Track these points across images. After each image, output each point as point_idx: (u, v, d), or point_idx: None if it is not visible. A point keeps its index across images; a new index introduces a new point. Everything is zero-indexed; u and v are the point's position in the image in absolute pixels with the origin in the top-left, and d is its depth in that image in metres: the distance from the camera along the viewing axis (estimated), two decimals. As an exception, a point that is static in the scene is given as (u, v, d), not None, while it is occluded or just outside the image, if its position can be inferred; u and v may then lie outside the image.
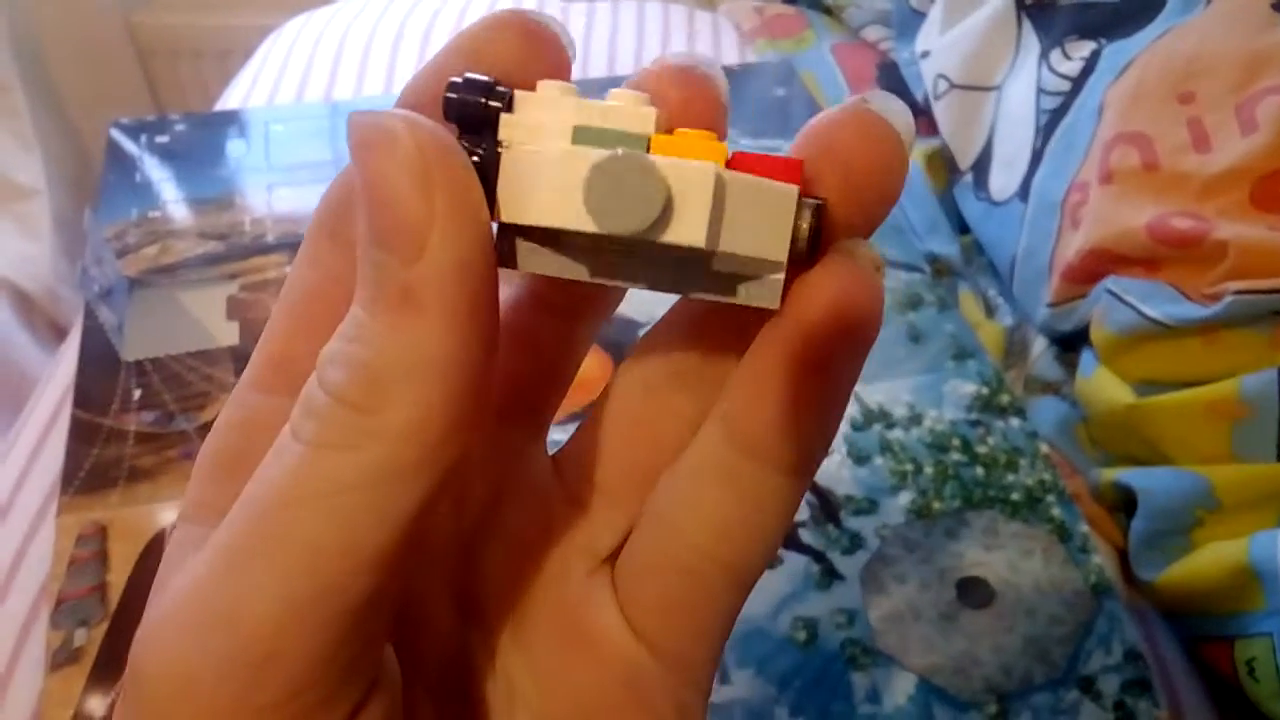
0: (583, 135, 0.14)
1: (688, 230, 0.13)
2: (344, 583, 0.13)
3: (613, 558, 0.18)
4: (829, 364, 0.14)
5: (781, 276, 0.14)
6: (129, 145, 0.57)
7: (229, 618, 0.13)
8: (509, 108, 0.14)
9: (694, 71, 0.16)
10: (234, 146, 0.58)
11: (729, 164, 0.14)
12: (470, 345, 0.13)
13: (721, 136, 0.15)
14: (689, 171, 0.13)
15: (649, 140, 0.14)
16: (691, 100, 0.15)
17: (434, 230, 0.13)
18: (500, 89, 0.14)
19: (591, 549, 0.18)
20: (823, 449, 0.16)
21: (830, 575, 0.39)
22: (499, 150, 0.14)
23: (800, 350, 0.14)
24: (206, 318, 0.48)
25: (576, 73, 0.72)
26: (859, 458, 0.42)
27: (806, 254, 0.14)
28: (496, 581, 0.18)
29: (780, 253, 0.14)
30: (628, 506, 0.18)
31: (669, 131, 0.15)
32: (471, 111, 0.14)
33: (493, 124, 0.14)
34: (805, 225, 0.14)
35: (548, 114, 0.14)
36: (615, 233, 0.13)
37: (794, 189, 0.14)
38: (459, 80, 0.14)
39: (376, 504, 0.13)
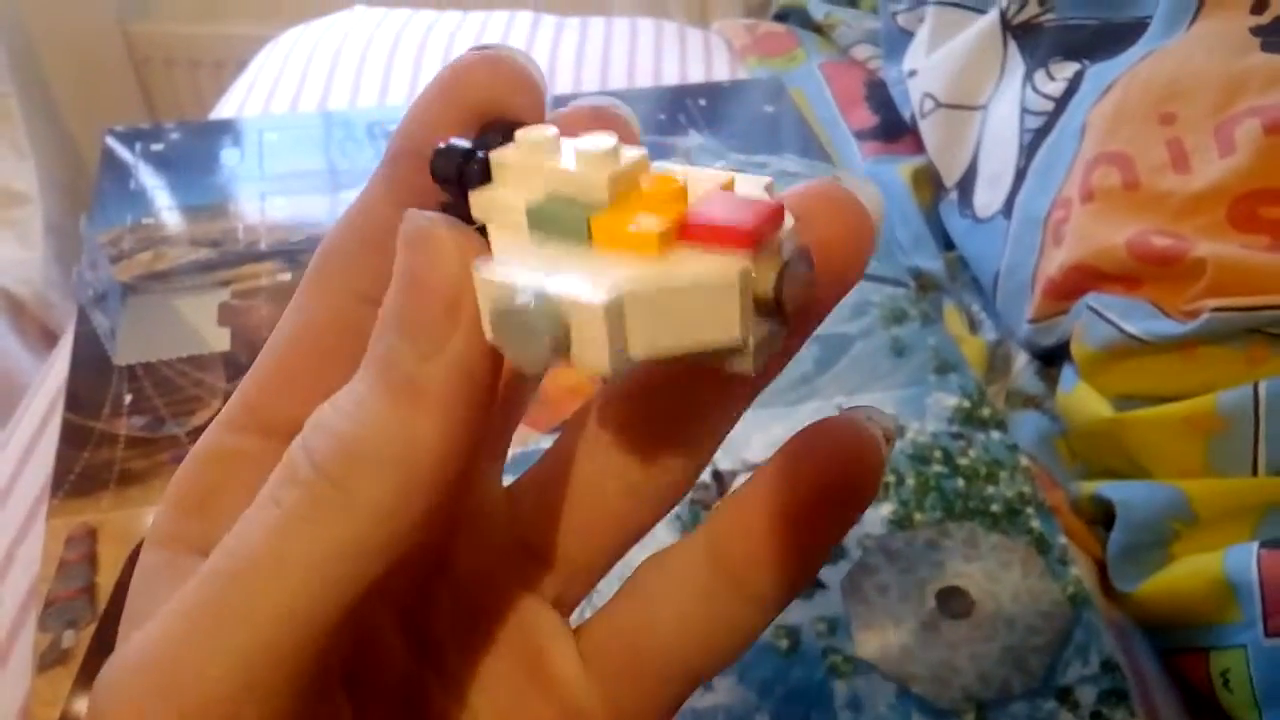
0: (536, 218, 0.14)
1: (592, 359, 0.13)
2: (302, 648, 0.14)
3: (569, 606, 0.19)
4: (819, 523, 0.15)
5: (749, 350, 0.14)
6: (124, 152, 0.58)
7: (194, 680, 0.14)
8: (485, 176, 0.15)
9: (606, 112, 0.17)
10: (228, 155, 0.58)
11: (682, 231, 0.14)
12: (454, 443, 0.14)
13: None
14: (581, 309, 0.13)
15: (589, 224, 0.14)
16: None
17: (455, 337, 0.14)
18: (477, 154, 0.15)
19: (552, 596, 0.19)
20: (803, 587, 0.16)
21: (813, 584, 0.39)
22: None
23: (792, 505, 0.15)
24: (199, 324, 0.48)
25: (570, 88, 0.73)
26: (842, 469, 0.43)
27: (779, 315, 0.14)
28: (454, 619, 0.19)
29: (732, 334, 0.14)
30: (583, 562, 0.18)
31: (629, 182, 0.14)
32: (450, 180, 0.15)
33: (465, 200, 0.15)
34: (767, 290, 0.14)
35: (513, 187, 0.15)
36: (519, 368, 0.13)
37: (735, 270, 0.13)
38: (441, 148, 0.15)
39: (337, 578, 0.14)
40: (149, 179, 0.56)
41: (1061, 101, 0.53)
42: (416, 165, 0.16)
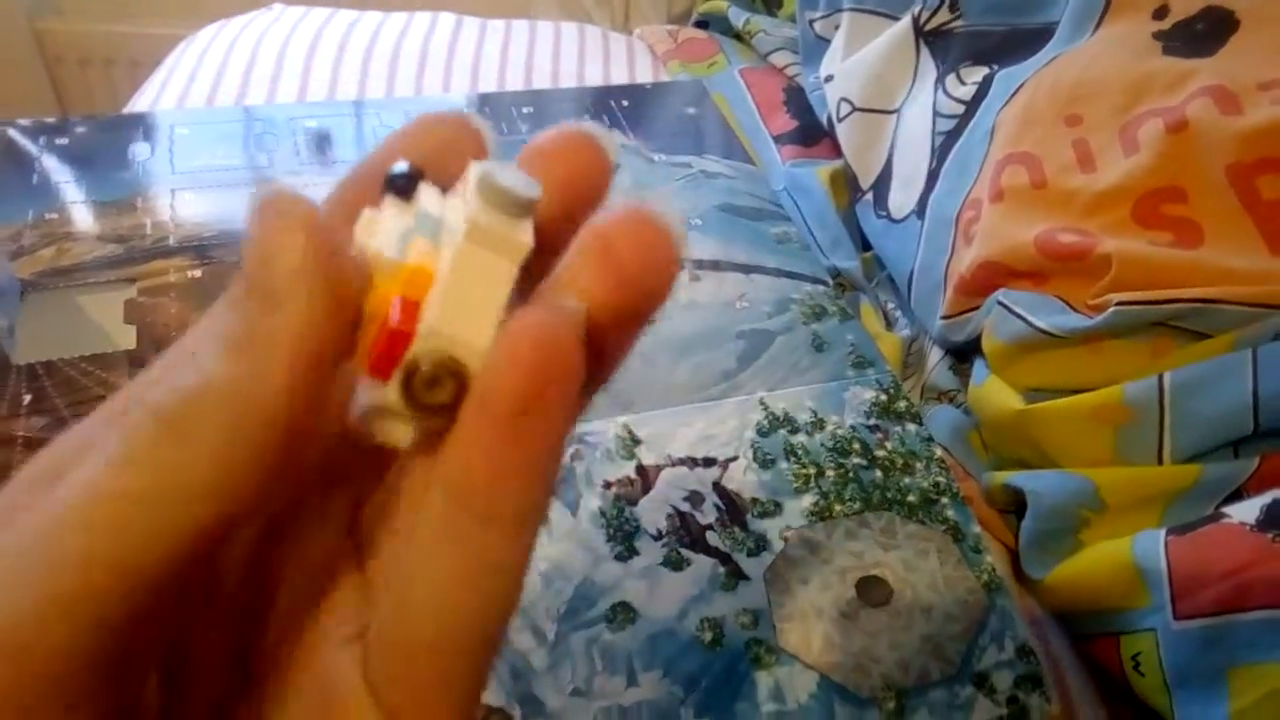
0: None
1: None
2: (105, 592, 0.14)
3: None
4: (529, 410, 0.15)
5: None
6: (26, 145, 0.56)
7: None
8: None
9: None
10: (137, 149, 0.56)
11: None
12: (291, 396, 0.15)
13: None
14: None
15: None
16: (576, 176, 0.17)
17: (299, 294, 0.15)
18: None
19: (354, 617, 0.17)
20: (544, 498, 0.15)
21: (736, 576, 0.39)
22: None
23: (500, 402, 0.15)
24: (104, 321, 0.46)
25: (495, 88, 0.73)
26: (764, 462, 0.43)
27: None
28: (271, 641, 0.18)
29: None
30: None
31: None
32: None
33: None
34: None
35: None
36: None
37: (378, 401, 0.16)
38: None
39: (151, 523, 0.14)
40: (54, 173, 0.54)
41: (972, 104, 0.55)
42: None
